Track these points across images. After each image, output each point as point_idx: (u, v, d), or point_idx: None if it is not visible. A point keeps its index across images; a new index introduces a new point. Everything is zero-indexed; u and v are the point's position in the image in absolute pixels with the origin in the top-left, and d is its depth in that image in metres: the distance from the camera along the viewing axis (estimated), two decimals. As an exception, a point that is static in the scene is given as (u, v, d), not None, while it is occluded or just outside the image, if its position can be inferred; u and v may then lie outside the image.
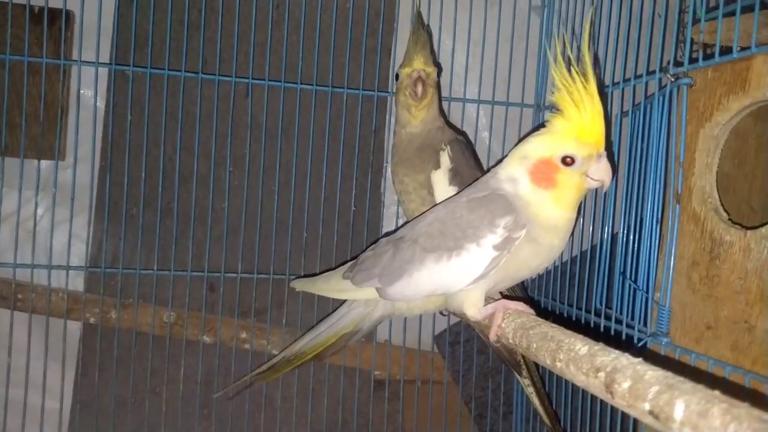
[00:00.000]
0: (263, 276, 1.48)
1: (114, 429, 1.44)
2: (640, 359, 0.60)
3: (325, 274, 1.18)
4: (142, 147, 1.42)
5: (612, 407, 1.11)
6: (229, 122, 1.43)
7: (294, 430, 1.51)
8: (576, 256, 1.43)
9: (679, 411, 0.51)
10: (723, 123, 0.97)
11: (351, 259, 1.15)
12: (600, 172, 0.85)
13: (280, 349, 1.52)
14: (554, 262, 1.38)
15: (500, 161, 0.96)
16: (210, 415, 1.49)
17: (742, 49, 0.90)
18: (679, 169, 1.01)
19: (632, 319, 1.12)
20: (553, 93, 0.84)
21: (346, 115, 1.46)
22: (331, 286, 1.10)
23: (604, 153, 0.85)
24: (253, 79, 1.41)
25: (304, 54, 1.45)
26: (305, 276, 1.28)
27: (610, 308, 1.18)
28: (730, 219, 0.95)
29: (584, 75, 0.81)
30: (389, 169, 1.36)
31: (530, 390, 1.28)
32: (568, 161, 0.83)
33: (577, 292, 1.32)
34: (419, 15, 1.23)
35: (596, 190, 0.96)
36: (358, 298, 1.09)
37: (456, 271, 0.89)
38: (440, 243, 0.91)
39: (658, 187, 1.06)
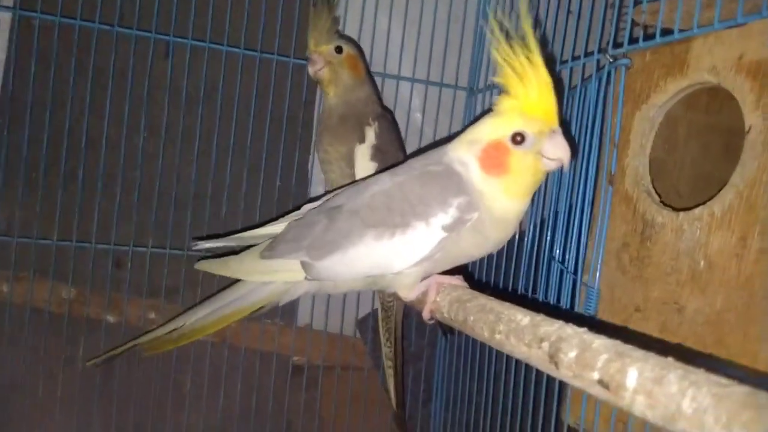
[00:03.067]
0: (177, 252, 1.38)
1: (3, 414, 1.30)
2: (585, 329, 0.56)
3: (240, 254, 1.01)
4: (45, 105, 1.29)
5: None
6: (146, 84, 1.33)
7: (204, 416, 1.41)
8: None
9: (631, 378, 0.47)
10: (659, 105, 0.96)
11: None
12: (556, 149, 0.77)
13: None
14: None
15: (437, 143, 0.90)
16: (111, 400, 1.37)
17: (683, 31, 0.90)
18: (614, 150, 1.01)
19: (558, 302, 1.11)
20: (495, 74, 0.78)
21: (274, 85, 1.38)
22: (247, 267, 0.95)
23: (559, 129, 0.77)
24: (174, 37, 1.31)
25: (233, 15, 1.36)
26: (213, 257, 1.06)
27: (536, 292, 1.17)
28: (662, 201, 0.95)
29: (526, 47, 0.74)
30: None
31: (390, 371, 1.31)
32: (517, 139, 0.76)
33: (504, 275, 1.30)
34: None
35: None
36: (280, 281, 0.95)
37: (398, 251, 0.81)
38: (384, 218, 0.82)
39: (591, 168, 1.05)
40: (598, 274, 1.00)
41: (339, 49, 1.19)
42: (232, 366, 1.43)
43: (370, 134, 1.19)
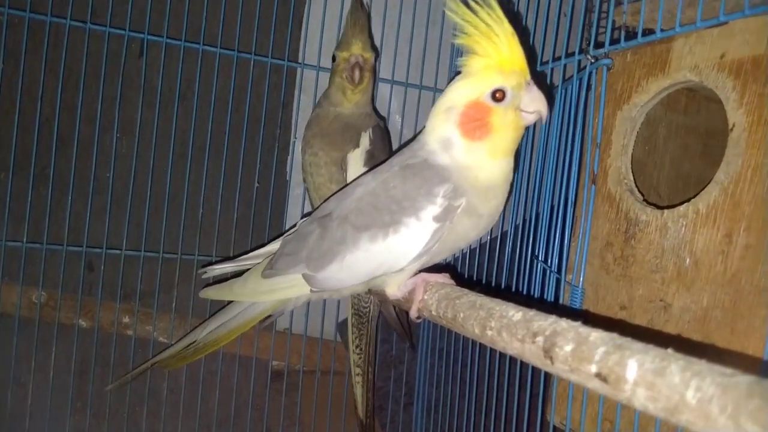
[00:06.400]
0: (151, 254, 1.34)
1: (-34, 425, 1.25)
2: (579, 322, 0.56)
3: (243, 276, 1.00)
4: (15, 103, 1.25)
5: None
6: (119, 83, 1.30)
7: (180, 424, 1.37)
8: (485, 243, 1.41)
9: (631, 371, 0.46)
10: (641, 105, 0.97)
11: (256, 245, 1.06)
12: (534, 102, 0.76)
13: (167, 336, 1.40)
14: (466, 248, 1.36)
15: (415, 137, 0.90)
16: (84, 408, 1.33)
17: (665, 30, 0.91)
18: (596, 150, 1.01)
19: (542, 303, 1.10)
20: (457, 36, 0.75)
21: (252, 85, 1.36)
22: (251, 289, 0.94)
23: (532, 81, 0.76)
24: (149, 35, 1.28)
25: (209, 13, 1.33)
26: (215, 282, 1.08)
27: (520, 292, 1.16)
28: (645, 200, 0.95)
29: (486, 3, 0.73)
30: (299, 144, 1.29)
31: (358, 379, 1.31)
32: (498, 96, 0.74)
33: (486, 275, 1.30)
34: None
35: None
36: (286, 298, 0.94)
37: (395, 250, 0.79)
38: (374, 219, 0.79)
39: (573, 168, 1.05)
40: (582, 274, 1.00)
41: (375, 60, 1.20)
42: (210, 371, 1.40)
43: (365, 140, 1.18)
